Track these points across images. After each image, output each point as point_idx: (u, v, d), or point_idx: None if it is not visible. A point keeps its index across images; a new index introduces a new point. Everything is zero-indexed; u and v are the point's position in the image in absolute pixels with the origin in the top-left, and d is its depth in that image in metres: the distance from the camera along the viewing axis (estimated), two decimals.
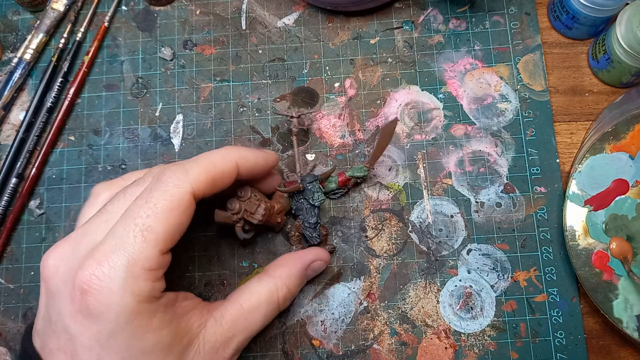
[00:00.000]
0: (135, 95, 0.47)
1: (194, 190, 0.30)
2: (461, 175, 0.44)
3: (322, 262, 0.39)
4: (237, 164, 0.33)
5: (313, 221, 0.40)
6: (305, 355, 0.41)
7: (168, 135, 0.46)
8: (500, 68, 0.46)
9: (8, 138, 0.46)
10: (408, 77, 0.46)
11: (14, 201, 0.44)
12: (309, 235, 0.40)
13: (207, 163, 0.31)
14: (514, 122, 0.44)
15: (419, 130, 0.45)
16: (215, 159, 0.32)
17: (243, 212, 0.36)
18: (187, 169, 0.30)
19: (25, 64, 0.46)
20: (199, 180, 0.30)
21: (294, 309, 0.41)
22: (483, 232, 0.42)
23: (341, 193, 0.42)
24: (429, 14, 0.47)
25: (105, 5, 0.49)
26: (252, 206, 0.36)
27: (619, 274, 0.39)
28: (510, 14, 0.47)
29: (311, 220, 0.40)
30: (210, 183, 0.31)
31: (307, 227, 0.40)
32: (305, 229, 0.40)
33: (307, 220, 0.40)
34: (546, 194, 0.43)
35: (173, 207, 0.29)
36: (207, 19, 0.48)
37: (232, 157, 0.33)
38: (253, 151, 0.35)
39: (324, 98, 0.46)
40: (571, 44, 0.46)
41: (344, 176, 0.41)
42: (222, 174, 0.32)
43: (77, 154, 0.46)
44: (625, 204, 0.40)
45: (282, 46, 0.47)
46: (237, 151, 0.33)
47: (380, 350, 0.40)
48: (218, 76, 0.47)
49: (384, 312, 0.41)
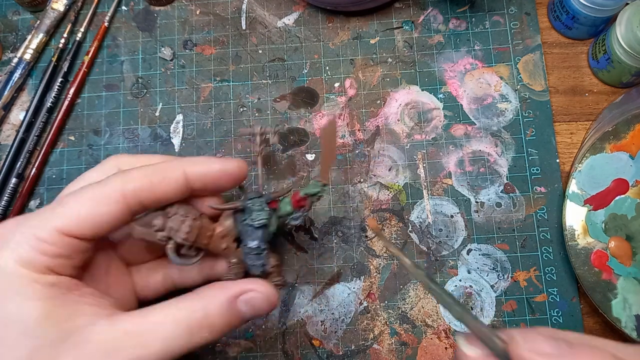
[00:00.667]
0: (135, 95, 0.47)
1: (126, 191, 0.30)
2: (461, 175, 0.44)
3: (260, 294, 0.31)
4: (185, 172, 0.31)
5: (253, 245, 0.33)
6: (305, 355, 0.41)
7: (168, 135, 0.46)
8: (500, 68, 0.46)
9: (8, 138, 0.46)
10: (408, 77, 0.46)
11: (14, 201, 0.44)
12: (249, 263, 0.34)
13: (150, 170, 0.31)
14: (514, 122, 0.44)
15: (419, 130, 0.45)
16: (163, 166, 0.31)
17: (169, 229, 0.31)
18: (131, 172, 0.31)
19: (25, 64, 0.46)
20: (134, 180, 0.30)
21: (294, 309, 0.41)
22: (483, 232, 0.42)
23: (300, 217, 0.34)
24: (429, 14, 0.47)
25: (105, 5, 0.49)
26: (177, 222, 0.32)
27: (618, 274, 0.39)
28: (510, 14, 0.47)
29: (251, 244, 0.33)
30: (146, 184, 0.30)
31: (248, 254, 0.34)
32: (246, 256, 0.34)
33: (246, 245, 0.33)
34: (546, 194, 0.43)
35: (98, 197, 0.29)
36: (207, 19, 0.48)
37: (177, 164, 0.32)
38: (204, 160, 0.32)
39: (324, 98, 0.46)
40: (571, 44, 0.46)
41: (298, 195, 0.34)
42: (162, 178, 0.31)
43: (77, 154, 0.46)
44: (625, 203, 0.40)
45: (282, 46, 0.47)
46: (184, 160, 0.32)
47: (380, 350, 0.40)
48: (218, 76, 0.47)
49: (384, 312, 0.41)
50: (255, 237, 0.33)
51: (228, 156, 0.45)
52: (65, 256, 0.29)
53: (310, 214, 0.43)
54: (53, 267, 0.29)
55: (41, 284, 0.28)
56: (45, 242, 0.29)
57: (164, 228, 0.31)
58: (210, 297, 0.30)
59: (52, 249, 0.29)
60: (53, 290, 0.28)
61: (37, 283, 0.28)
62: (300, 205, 0.34)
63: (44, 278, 0.29)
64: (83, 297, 0.29)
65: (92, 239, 0.30)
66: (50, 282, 0.29)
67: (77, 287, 0.30)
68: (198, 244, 0.33)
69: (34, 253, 0.28)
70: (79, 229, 0.29)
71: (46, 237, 0.29)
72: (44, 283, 0.28)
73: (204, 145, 0.45)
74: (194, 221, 0.32)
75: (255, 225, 0.33)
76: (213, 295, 0.30)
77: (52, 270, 0.29)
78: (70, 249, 0.30)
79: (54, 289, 0.29)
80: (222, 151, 0.45)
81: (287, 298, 0.42)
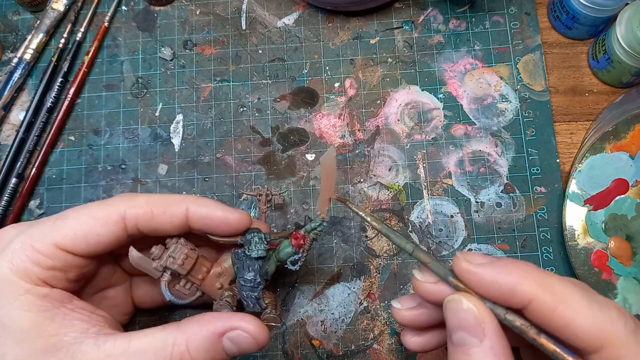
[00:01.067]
0: (135, 95, 0.47)
1: (126, 215, 0.31)
2: (461, 175, 0.44)
3: (247, 335, 0.29)
4: (187, 209, 0.32)
5: (249, 277, 0.33)
6: (305, 355, 0.41)
7: (168, 135, 0.46)
8: (500, 68, 0.46)
9: (8, 138, 0.46)
10: (408, 77, 0.46)
11: (14, 201, 0.44)
12: (244, 295, 0.33)
13: (154, 199, 0.32)
14: (514, 122, 0.44)
15: (419, 130, 0.45)
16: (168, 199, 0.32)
17: (166, 258, 0.32)
18: (136, 198, 0.32)
19: (25, 64, 0.46)
20: (137, 206, 0.31)
21: (294, 309, 0.41)
22: (483, 232, 0.42)
23: (299, 261, 0.34)
24: (429, 14, 0.47)
25: (105, 5, 0.49)
26: (175, 250, 0.32)
27: (618, 274, 0.39)
28: (510, 14, 0.47)
29: (247, 277, 0.33)
30: (148, 213, 0.31)
31: (243, 286, 0.33)
32: (242, 288, 0.33)
33: (242, 277, 0.33)
34: (546, 194, 0.43)
35: (98, 216, 0.30)
36: (207, 19, 0.48)
37: (182, 200, 0.32)
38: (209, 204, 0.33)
39: (324, 98, 0.46)
40: (571, 44, 0.46)
41: (297, 234, 0.33)
42: (164, 211, 0.32)
43: (77, 154, 0.46)
44: (624, 203, 0.40)
45: (282, 46, 0.47)
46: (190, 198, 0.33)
47: (380, 350, 0.40)
48: (218, 76, 0.47)
49: (384, 312, 0.41)
50: (252, 269, 0.33)
51: (228, 156, 0.45)
52: (59, 269, 0.30)
53: (310, 214, 0.43)
54: (47, 279, 0.29)
55: (33, 294, 0.29)
56: (41, 254, 0.29)
57: (162, 257, 0.32)
58: (196, 330, 0.29)
59: (48, 262, 0.29)
60: (44, 303, 0.29)
61: (30, 294, 0.29)
62: (300, 244, 0.33)
63: (37, 289, 0.29)
64: (74, 312, 0.30)
65: (87, 256, 0.31)
66: (42, 294, 0.29)
67: (70, 300, 0.30)
68: (193, 277, 0.33)
69: (29, 264, 0.29)
70: (74, 245, 0.30)
71: (43, 249, 0.29)
72: (37, 294, 0.29)
73: (204, 145, 0.45)
74: (191, 251, 0.32)
75: (253, 255, 0.33)
76: (199, 328, 0.29)
77: (45, 282, 0.29)
78: (66, 264, 0.30)
79: (46, 301, 0.29)
80: (222, 151, 0.45)
81: (287, 298, 0.42)
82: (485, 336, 0.24)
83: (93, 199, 0.44)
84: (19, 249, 0.29)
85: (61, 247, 0.30)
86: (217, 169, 0.45)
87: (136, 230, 0.31)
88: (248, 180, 0.44)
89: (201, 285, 0.33)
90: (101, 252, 0.31)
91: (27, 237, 0.29)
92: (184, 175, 0.45)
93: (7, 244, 0.30)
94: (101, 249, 0.31)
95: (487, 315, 0.24)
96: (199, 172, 0.45)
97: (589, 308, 0.23)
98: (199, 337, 0.29)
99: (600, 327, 0.23)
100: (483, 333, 0.24)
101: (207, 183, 0.44)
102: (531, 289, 0.24)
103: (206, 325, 0.29)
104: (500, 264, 0.25)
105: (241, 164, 0.45)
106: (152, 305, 0.39)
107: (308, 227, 0.34)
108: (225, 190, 0.44)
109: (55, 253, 0.30)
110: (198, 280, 0.33)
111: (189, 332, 0.29)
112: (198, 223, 0.32)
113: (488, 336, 0.24)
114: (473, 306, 0.25)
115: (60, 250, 0.30)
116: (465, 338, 0.24)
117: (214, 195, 0.44)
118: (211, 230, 0.33)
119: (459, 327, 0.25)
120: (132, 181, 0.45)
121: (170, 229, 0.32)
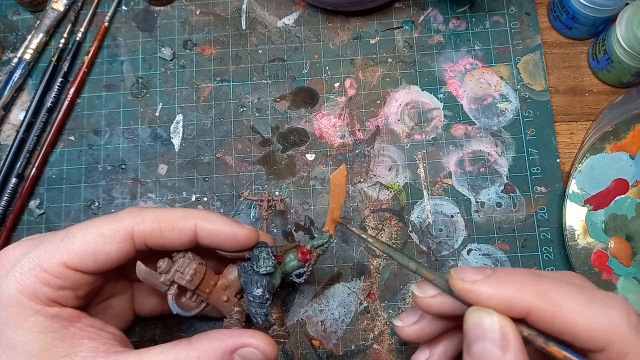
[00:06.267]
0: (135, 95, 0.47)
1: (134, 231, 0.31)
2: (461, 175, 0.44)
3: (258, 352, 0.30)
4: (196, 225, 0.32)
5: (257, 293, 0.33)
6: (305, 355, 0.41)
7: (168, 135, 0.46)
8: (500, 68, 0.46)
9: (8, 138, 0.46)
10: (408, 77, 0.46)
11: (14, 201, 0.44)
12: (252, 311, 0.33)
13: (162, 214, 0.31)
14: (514, 122, 0.44)
15: (419, 130, 0.45)
16: (176, 215, 0.32)
17: (174, 273, 0.31)
18: (144, 213, 0.31)
19: (25, 64, 0.46)
20: (145, 223, 0.31)
21: (294, 309, 0.41)
22: (483, 232, 0.42)
23: (304, 274, 0.35)
24: (429, 14, 0.47)
25: (105, 5, 0.49)
26: (182, 265, 0.32)
27: (618, 274, 0.39)
28: (510, 14, 0.47)
29: (255, 293, 0.33)
30: (156, 230, 0.31)
31: (251, 302, 0.33)
32: (250, 304, 0.33)
33: (250, 293, 0.33)
34: (546, 193, 0.43)
35: (106, 233, 0.30)
36: (207, 19, 0.48)
37: (190, 216, 0.32)
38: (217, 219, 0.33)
39: (324, 98, 0.46)
40: (571, 44, 0.46)
41: (304, 248, 0.34)
42: (172, 227, 0.31)
43: (77, 154, 0.46)
44: (625, 203, 0.40)
45: (282, 46, 0.47)
46: (198, 214, 0.32)
47: (380, 350, 0.40)
48: (218, 76, 0.47)
49: (384, 312, 0.41)
50: (260, 284, 0.33)
51: (228, 156, 0.45)
52: (69, 288, 0.30)
53: (310, 214, 0.43)
54: (57, 299, 0.29)
55: (43, 315, 0.29)
56: (50, 274, 0.29)
57: (170, 271, 0.31)
58: (207, 348, 0.29)
59: (57, 282, 0.29)
60: (54, 323, 0.29)
61: (39, 315, 0.29)
62: (306, 259, 0.34)
63: (47, 310, 0.29)
64: (83, 330, 0.30)
65: (96, 273, 0.31)
66: (52, 314, 0.29)
67: (79, 318, 0.30)
68: (200, 291, 0.33)
69: (38, 284, 0.29)
70: (83, 264, 0.30)
71: (52, 270, 0.29)
72: (46, 315, 0.29)
73: (204, 145, 0.45)
74: (200, 266, 0.32)
75: (262, 272, 0.33)
76: (210, 346, 0.29)
77: (55, 301, 0.29)
78: (75, 282, 0.30)
79: (55, 322, 0.29)
80: (222, 151, 0.45)
81: (287, 298, 0.42)
82: (509, 348, 0.24)
83: (93, 198, 0.44)
84: (26, 270, 0.29)
85: (70, 266, 0.29)
86: (217, 169, 0.45)
87: (144, 246, 0.31)
88: (248, 180, 0.44)
89: (208, 298, 0.34)
90: (110, 268, 0.31)
91: (35, 258, 0.29)
92: (184, 175, 0.45)
93: (13, 264, 0.29)
94: (110, 265, 0.31)
95: (511, 327, 0.24)
96: (199, 172, 0.45)
97: (588, 308, 0.23)
98: (211, 354, 0.29)
99: (602, 326, 0.23)
100: (507, 345, 0.24)
101: (207, 183, 0.44)
102: (527, 300, 0.24)
103: (217, 342, 0.29)
104: (493, 278, 0.25)
105: (241, 164, 0.45)
106: (151, 312, 0.38)
107: (315, 243, 0.34)
108: (225, 190, 0.44)
109: (65, 273, 0.29)
110: (205, 294, 0.33)
111: (200, 350, 0.29)
112: (206, 239, 0.32)
113: (512, 348, 0.24)
114: (497, 318, 0.24)
115: (69, 270, 0.29)
116: (487, 349, 0.24)
117: (213, 195, 0.44)
118: (219, 245, 0.33)
119: (481, 338, 0.24)
120: (132, 181, 0.45)
121: (179, 245, 0.32)
